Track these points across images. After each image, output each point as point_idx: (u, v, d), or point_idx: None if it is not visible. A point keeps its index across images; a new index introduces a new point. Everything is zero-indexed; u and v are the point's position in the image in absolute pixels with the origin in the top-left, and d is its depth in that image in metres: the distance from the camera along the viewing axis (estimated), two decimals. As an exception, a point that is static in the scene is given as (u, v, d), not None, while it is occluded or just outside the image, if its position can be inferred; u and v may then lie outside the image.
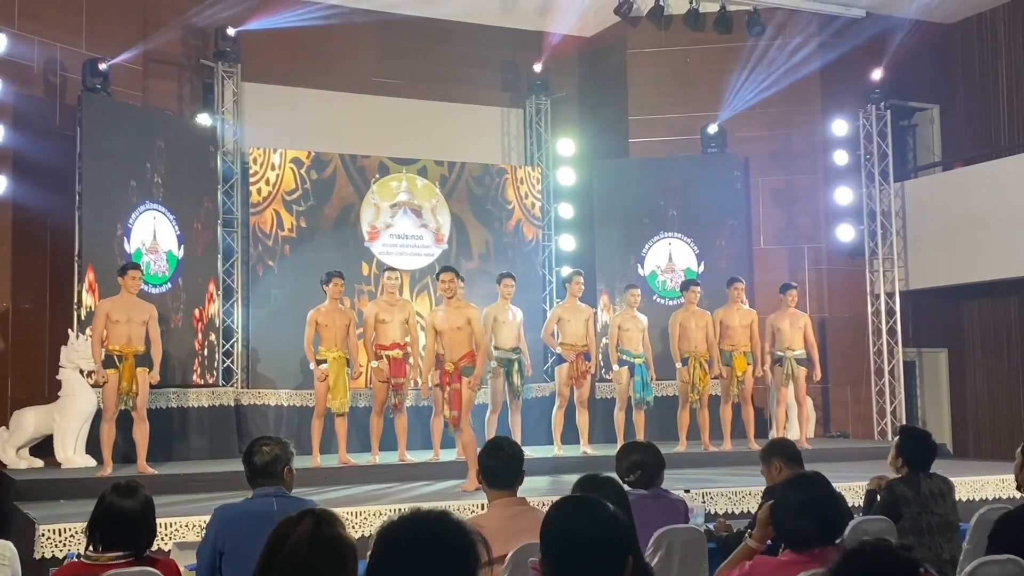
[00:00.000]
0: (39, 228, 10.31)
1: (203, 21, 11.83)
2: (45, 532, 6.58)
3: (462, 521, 2.11)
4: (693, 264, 12.91)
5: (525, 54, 13.44)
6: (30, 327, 10.20)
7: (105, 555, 3.65)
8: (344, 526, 2.56)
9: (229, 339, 11.46)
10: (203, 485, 8.55)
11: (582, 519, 2.44)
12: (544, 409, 11.39)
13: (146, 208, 10.66)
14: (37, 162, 10.17)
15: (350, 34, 12.65)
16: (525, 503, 4.12)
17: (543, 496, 7.16)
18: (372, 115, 12.71)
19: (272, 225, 11.76)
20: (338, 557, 2.45)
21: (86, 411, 9.50)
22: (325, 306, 9.63)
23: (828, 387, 12.94)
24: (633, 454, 5.03)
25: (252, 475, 4.24)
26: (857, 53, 13.15)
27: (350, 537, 2.51)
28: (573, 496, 2.78)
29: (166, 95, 11.81)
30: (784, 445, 5.30)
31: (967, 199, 12.52)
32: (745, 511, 7.96)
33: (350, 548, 2.48)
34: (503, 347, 10.15)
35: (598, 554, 2.38)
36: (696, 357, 10.67)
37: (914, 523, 5.10)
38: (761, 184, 13.24)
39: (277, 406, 11.35)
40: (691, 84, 13.42)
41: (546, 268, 13.18)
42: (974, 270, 12.43)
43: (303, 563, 2.42)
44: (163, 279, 10.74)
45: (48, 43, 10.59)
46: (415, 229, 12.47)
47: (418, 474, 9.52)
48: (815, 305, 12.87)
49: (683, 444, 10.72)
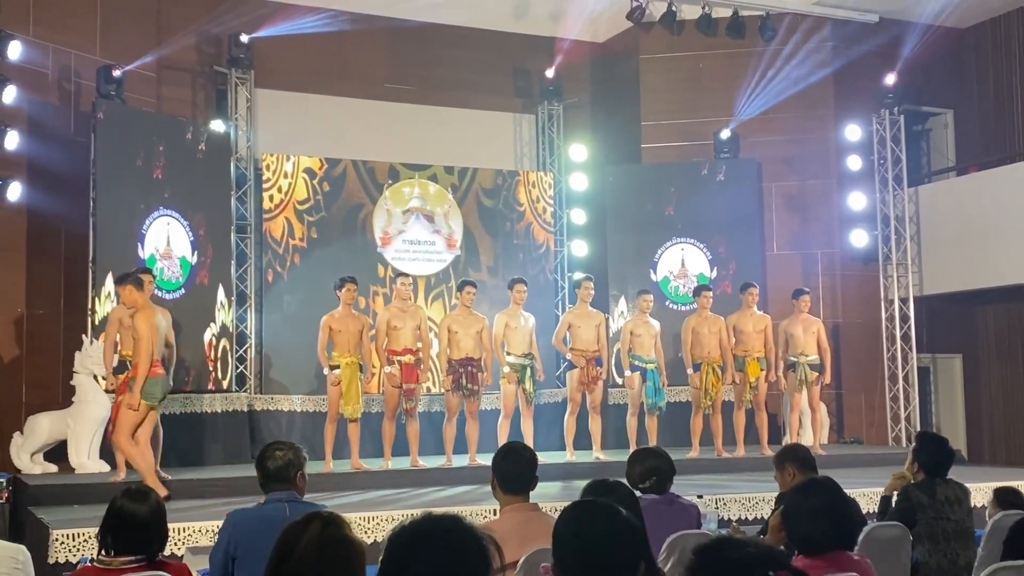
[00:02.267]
0: (54, 234, 10.34)
1: (217, 28, 11.88)
2: (59, 537, 6.60)
3: (474, 526, 2.11)
4: (706, 269, 12.88)
5: (537, 60, 13.44)
6: (44, 333, 10.23)
7: (117, 559, 3.66)
8: (351, 528, 2.56)
9: (243, 344, 11.48)
10: (216, 490, 8.58)
11: (596, 524, 2.43)
12: (556, 415, 11.38)
13: (160, 214, 10.69)
14: (51, 169, 10.20)
15: (363, 41, 12.68)
16: (537, 508, 4.11)
17: (555, 502, 7.14)
18: (385, 121, 12.73)
19: (283, 233, 11.79)
20: (348, 559, 2.45)
21: (100, 416, 9.51)
22: (338, 311, 9.64)
23: (842, 393, 12.90)
24: (648, 460, 5.01)
25: (265, 480, 4.24)
26: (870, 58, 13.11)
27: (358, 539, 2.51)
28: (586, 501, 2.78)
29: (180, 102, 11.86)
30: (798, 451, 5.28)
31: (981, 204, 12.46)
32: (758, 517, 7.94)
33: (359, 549, 2.48)
34: (516, 353, 10.16)
35: (611, 559, 2.37)
36: (709, 363, 10.64)
37: (929, 529, 5.08)
38: (774, 189, 13.21)
39: (290, 411, 11.37)
40: (703, 89, 13.40)
41: (558, 274, 13.18)
42: (989, 275, 12.36)
43: (313, 566, 2.42)
44: (177, 285, 10.77)
45: (62, 50, 10.63)
46: (428, 235, 12.49)
47: (430, 479, 9.53)
48: (829, 311, 12.83)
49: (696, 450, 10.70)
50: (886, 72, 12.87)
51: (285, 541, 2.49)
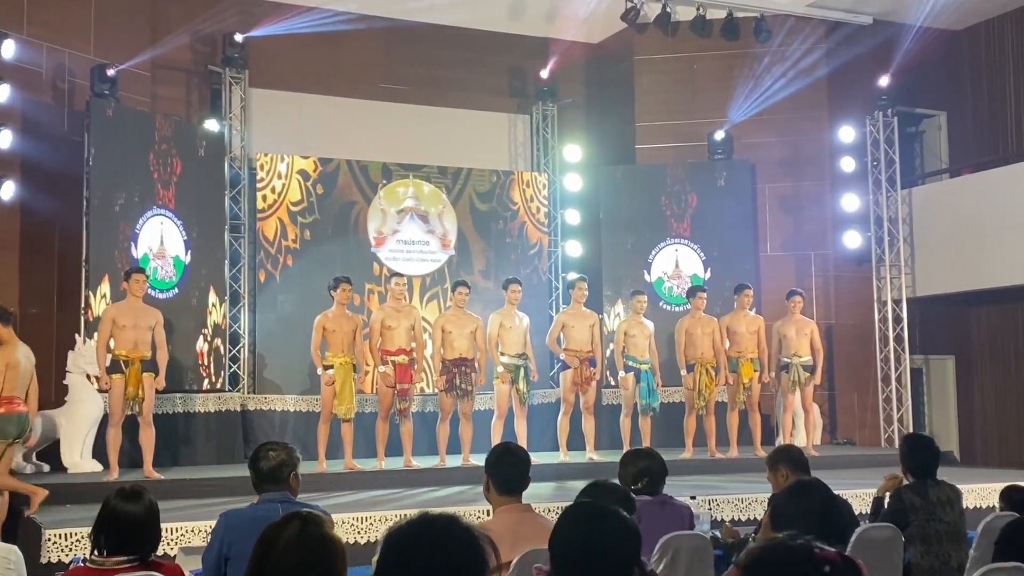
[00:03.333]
0: (47, 233, 10.33)
1: (211, 27, 11.87)
2: (51, 537, 6.59)
3: (472, 526, 2.10)
4: (700, 270, 12.89)
5: (532, 61, 13.45)
6: (37, 332, 10.17)
7: (110, 560, 3.65)
8: (332, 526, 2.55)
9: (236, 344, 11.47)
10: (209, 490, 8.56)
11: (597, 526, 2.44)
12: (549, 415, 11.38)
13: (153, 214, 10.68)
14: (45, 168, 10.19)
15: (358, 40, 12.66)
16: (530, 509, 4.11)
17: (548, 503, 7.15)
18: (379, 121, 12.73)
19: (276, 234, 11.78)
20: (327, 558, 2.44)
21: (93, 416, 9.50)
22: (332, 311, 9.63)
23: (835, 394, 12.92)
24: (640, 461, 5.02)
25: (258, 480, 4.24)
26: (864, 60, 13.13)
27: (337, 537, 2.50)
28: (585, 503, 2.78)
29: (174, 101, 11.84)
30: (791, 451, 5.28)
31: (974, 206, 12.49)
32: (751, 518, 7.95)
33: (338, 549, 2.47)
34: (509, 353, 10.16)
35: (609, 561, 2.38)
36: (702, 364, 10.65)
37: (922, 530, 5.09)
38: (768, 191, 13.22)
39: (283, 411, 11.37)
40: (698, 91, 13.42)
41: (552, 274, 13.19)
42: (981, 277, 12.39)
43: (293, 566, 2.42)
44: (170, 284, 10.76)
45: (56, 49, 10.61)
46: (422, 235, 12.48)
47: (424, 480, 9.52)
48: (822, 312, 12.84)
49: (689, 451, 10.72)
50: (880, 74, 12.90)
51: (265, 541, 2.50)
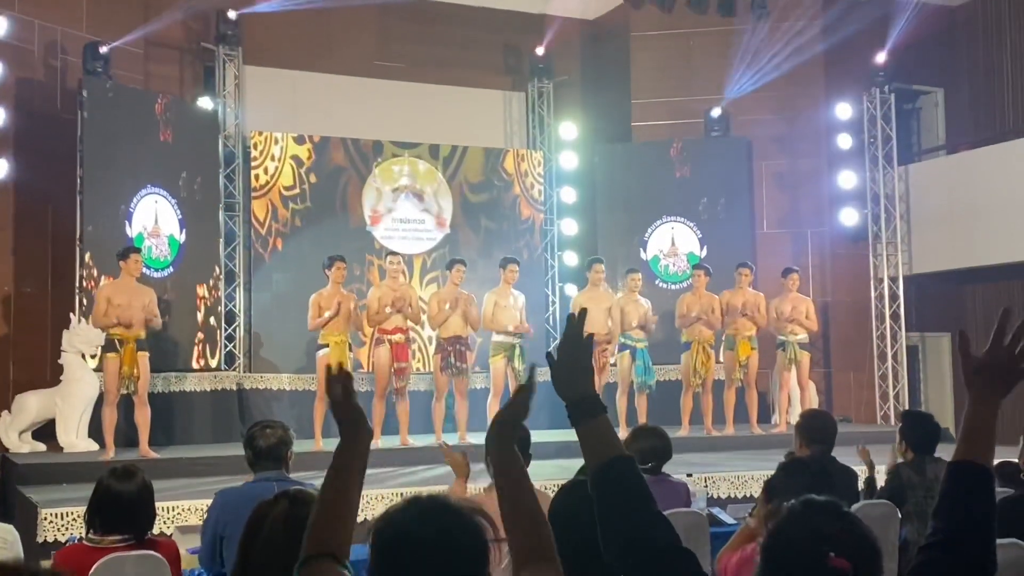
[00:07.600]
0: (40, 212, 10.28)
1: (204, 4, 11.76)
2: (47, 516, 6.59)
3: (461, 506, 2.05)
4: (696, 248, 12.87)
5: (527, 37, 13.37)
6: (32, 311, 10.19)
7: (106, 538, 3.65)
8: None
9: (231, 323, 11.44)
10: (205, 469, 8.55)
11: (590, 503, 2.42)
12: (547, 394, 11.35)
13: (147, 192, 10.63)
14: (38, 146, 10.14)
15: (351, 17, 12.58)
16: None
17: (547, 480, 7.15)
18: (373, 99, 12.65)
19: (267, 215, 11.73)
20: None
21: (88, 395, 9.49)
22: (327, 290, 9.61)
23: (831, 371, 12.93)
24: (649, 439, 4.91)
25: (255, 459, 4.23)
26: (861, 36, 13.04)
27: None
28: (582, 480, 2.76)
29: (167, 78, 11.77)
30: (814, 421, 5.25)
31: (971, 183, 12.46)
32: (748, 495, 7.96)
33: None
34: (504, 331, 10.15)
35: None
36: (700, 342, 10.63)
37: (919, 508, 5.09)
38: (764, 168, 13.19)
39: (279, 390, 11.36)
40: (694, 67, 13.35)
41: (548, 252, 13.16)
42: (978, 254, 12.38)
43: (280, 544, 2.42)
44: (165, 263, 10.72)
45: (49, 26, 10.54)
46: (417, 213, 12.44)
47: (420, 458, 9.51)
48: (818, 289, 12.83)
49: (685, 428, 10.71)
50: (877, 50, 12.84)
51: (254, 520, 2.51)
